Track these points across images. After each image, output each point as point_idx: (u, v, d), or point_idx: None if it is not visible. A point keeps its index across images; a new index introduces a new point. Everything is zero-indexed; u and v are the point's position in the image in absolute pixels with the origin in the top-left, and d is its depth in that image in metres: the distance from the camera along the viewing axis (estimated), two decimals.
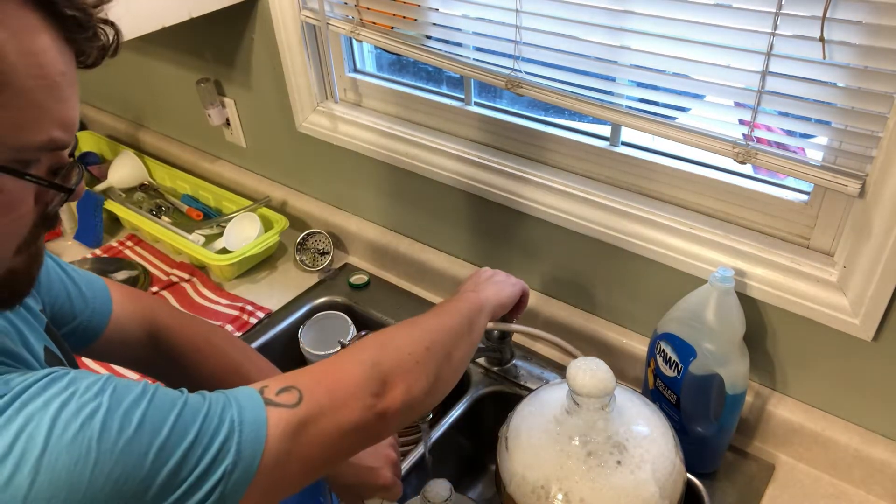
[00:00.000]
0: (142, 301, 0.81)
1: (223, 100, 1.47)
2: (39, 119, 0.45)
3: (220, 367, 0.82)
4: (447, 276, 1.25)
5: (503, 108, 1.12)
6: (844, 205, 0.84)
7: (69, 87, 0.47)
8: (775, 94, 0.79)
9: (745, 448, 0.98)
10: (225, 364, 0.82)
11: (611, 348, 1.09)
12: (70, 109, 0.47)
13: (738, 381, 0.87)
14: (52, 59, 0.45)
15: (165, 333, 0.81)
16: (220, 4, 1.19)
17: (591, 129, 1.04)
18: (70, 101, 0.47)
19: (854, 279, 0.83)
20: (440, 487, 0.82)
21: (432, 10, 1.03)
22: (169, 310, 0.84)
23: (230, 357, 0.83)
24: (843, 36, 0.72)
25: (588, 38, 0.90)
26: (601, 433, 0.75)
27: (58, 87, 0.45)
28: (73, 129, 0.48)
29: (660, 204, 0.98)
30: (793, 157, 0.82)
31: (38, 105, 0.44)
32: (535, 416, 0.80)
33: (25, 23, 0.43)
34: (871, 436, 0.91)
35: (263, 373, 0.84)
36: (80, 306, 0.72)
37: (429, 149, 1.17)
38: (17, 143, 0.44)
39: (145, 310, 0.80)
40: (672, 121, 0.89)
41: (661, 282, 1.00)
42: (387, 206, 1.32)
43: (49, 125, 0.45)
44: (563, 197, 1.04)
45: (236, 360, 0.83)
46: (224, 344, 0.84)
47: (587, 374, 0.74)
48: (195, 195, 1.60)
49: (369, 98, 1.27)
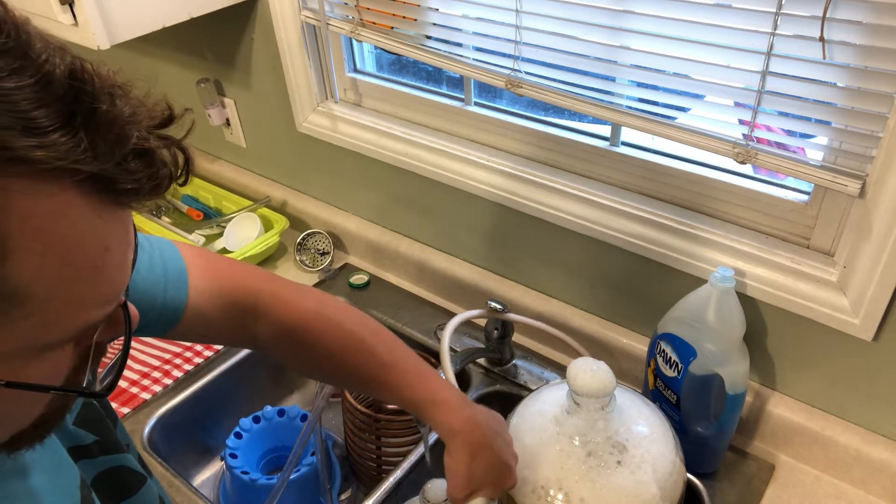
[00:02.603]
0: (230, 279, 0.70)
1: (223, 100, 1.47)
2: (71, 312, 0.36)
3: (339, 345, 0.72)
4: (447, 276, 1.25)
5: (503, 108, 1.12)
6: (844, 205, 0.84)
7: (117, 255, 0.38)
8: (775, 94, 0.79)
9: (745, 448, 0.98)
10: (343, 340, 0.72)
11: (611, 348, 1.09)
12: (117, 279, 0.38)
13: (738, 381, 0.87)
14: (94, 242, 0.36)
15: (263, 313, 0.71)
16: (220, 4, 1.19)
17: (591, 129, 1.04)
18: (118, 269, 0.38)
19: (854, 279, 0.82)
20: (440, 487, 0.82)
21: (432, 10, 1.03)
22: (262, 284, 0.72)
23: (347, 330, 0.73)
24: (843, 36, 0.72)
25: (588, 38, 0.90)
26: (601, 433, 0.75)
27: (99, 269, 0.36)
28: (118, 295, 0.40)
29: (660, 204, 0.98)
30: (793, 157, 0.82)
31: (71, 300, 0.36)
32: (535, 416, 0.80)
33: (58, 210, 0.33)
34: (871, 436, 0.91)
35: (388, 346, 0.74)
36: (146, 306, 0.62)
37: (429, 149, 1.17)
38: (42, 343, 0.36)
39: (235, 290, 0.70)
40: (672, 121, 0.89)
41: (661, 282, 1.00)
42: (387, 206, 1.32)
43: (85, 312, 0.37)
44: (563, 197, 1.04)
45: (357, 333, 0.73)
46: (339, 316, 0.73)
47: (587, 374, 0.74)
48: (195, 195, 1.60)
49: (369, 98, 1.27)
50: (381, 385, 0.73)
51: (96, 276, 0.37)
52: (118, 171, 0.34)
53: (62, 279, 0.35)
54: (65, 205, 0.33)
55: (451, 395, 0.73)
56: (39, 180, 0.32)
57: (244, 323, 0.71)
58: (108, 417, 0.60)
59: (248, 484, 1.01)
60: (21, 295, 0.33)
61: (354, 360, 0.73)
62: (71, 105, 0.33)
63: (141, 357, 1.17)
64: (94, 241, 0.36)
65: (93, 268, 0.36)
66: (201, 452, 1.18)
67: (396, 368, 0.73)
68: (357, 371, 0.73)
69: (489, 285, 1.20)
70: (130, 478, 0.59)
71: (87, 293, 0.37)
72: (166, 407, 1.08)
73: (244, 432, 1.09)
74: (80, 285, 0.36)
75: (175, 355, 1.17)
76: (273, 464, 1.14)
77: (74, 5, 0.97)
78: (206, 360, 1.16)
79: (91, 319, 0.38)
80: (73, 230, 0.34)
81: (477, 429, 0.72)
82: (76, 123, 0.33)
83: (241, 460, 1.05)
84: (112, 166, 0.34)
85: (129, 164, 0.35)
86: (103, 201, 0.35)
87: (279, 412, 1.12)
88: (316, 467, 1.02)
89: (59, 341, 0.37)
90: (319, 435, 0.98)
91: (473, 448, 0.72)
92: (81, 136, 0.33)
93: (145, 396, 1.09)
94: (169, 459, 1.03)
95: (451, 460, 0.72)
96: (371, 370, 0.73)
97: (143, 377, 1.13)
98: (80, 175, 0.33)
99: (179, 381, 1.12)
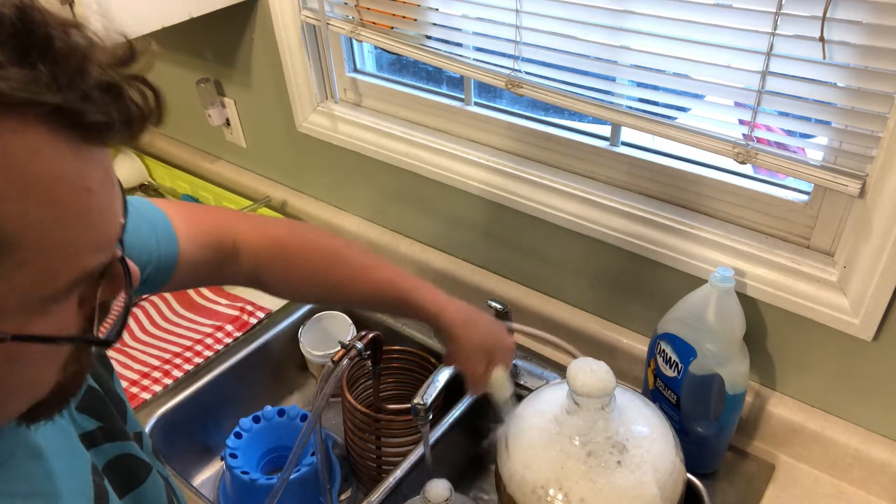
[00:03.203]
0: (209, 222, 0.74)
1: (223, 100, 1.47)
2: (65, 258, 0.36)
3: (318, 257, 0.78)
4: (447, 275, 1.25)
5: (503, 108, 1.12)
6: (844, 205, 0.84)
7: (100, 197, 0.37)
8: (775, 94, 0.79)
9: (745, 448, 0.98)
10: (321, 252, 0.79)
11: (611, 348, 1.09)
12: (105, 223, 0.38)
13: (738, 381, 0.87)
14: (72, 182, 0.35)
15: (242, 248, 0.75)
16: (220, 4, 1.19)
17: (591, 129, 1.04)
18: (104, 212, 0.38)
19: (854, 279, 0.82)
20: (440, 487, 0.82)
21: (432, 10, 1.03)
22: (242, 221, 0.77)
23: (322, 244, 0.80)
24: (843, 36, 0.72)
25: (588, 38, 0.90)
26: (601, 433, 0.75)
27: (85, 211, 0.36)
28: (111, 241, 0.40)
29: (660, 204, 0.98)
30: (793, 157, 0.82)
31: (63, 244, 0.36)
32: (535, 416, 0.80)
33: (29, 149, 0.33)
34: (871, 436, 0.91)
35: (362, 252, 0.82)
36: (145, 262, 0.65)
37: (429, 149, 1.17)
38: (42, 295, 0.36)
39: (216, 231, 0.74)
40: (672, 121, 0.89)
41: (660, 282, 1.00)
42: (387, 206, 1.32)
43: (79, 258, 0.37)
44: (563, 197, 1.04)
45: (332, 245, 0.80)
46: (311, 234, 0.81)
47: (587, 374, 0.74)
48: (195, 195, 1.59)
49: (369, 98, 1.27)
50: (364, 286, 0.80)
51: (81, 219, 0.36)
52: (84, 103, 0.34)
53: (46, 221, 0.34)
54: (35, 142, 0.33)
55: (428, 284, 0.82)
56: (4, 117, 0.32)
57: (228, 262, 0.75)
58: (114, 405, 0.60)
59: (248, 484, 1.01)
60: (8, 242, 0.33)
61: (335, 269, 0.79)
62: (25, 41, 0.32)
63: (141, 357, 1.17)
64: (72, 181, 0.35)
65: (76, 210, 0.36)
66: (201, 452, 1.18)
67: (375, 268, 0.81)
68: (340, 279, 0.79)
69: (489, 285, 1.20)
70: (136, 465, 0.60)
71: (75, 237, 0.36)
72: (166, 407, 1.08)
73: (244, 432, 1.09)
74: (67, 228, 0.36)
75: (175, 355, 1.17)
76: (273, 464, 1.14)
77: (74, 5, 0.97)
78: (206, 360, 1.16)
79: (86, 267, 0.38)
80: (49, 169, 0.34)
81: (459, 302, 0.82)
82: (33, 57, 0.33)
83: (241, 460, 1.05)
84: (76, 98, 0.34)
85: (94, 97, 0.34)
86: (74, 137, 0.35)
87: (279, 412, 1.12)
88: (316, 467, 1.02)
89: (57, 292, 0.37)
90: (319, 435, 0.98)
91: (465, 316, 0.81)
92: (40, 68, 0.33)
93: (145, 396, 1.09)
94: (169, 459, 1.03)
95: (453, 341, 0.81)
96: (353, 274, 0.79)
97: (143, 377, 1.13)
98: (44, 107, 0.33)
99: (179, 381, 1.12)
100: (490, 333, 0.83)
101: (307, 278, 0.79)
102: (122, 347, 1.20)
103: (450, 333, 0.81)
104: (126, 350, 1.19)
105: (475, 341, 0.81)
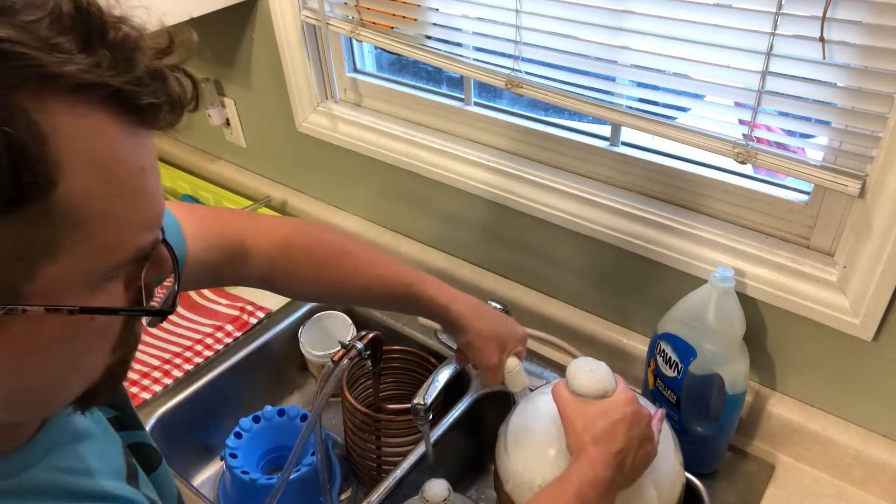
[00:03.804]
0: (216, 223, 0.75)
1: (223, 100, 1.47)
2: (124, 234, 0.39)
3: (325, 254, 0.79)
4: (447, 276, 1.25)
5: (503, 108, 1.12)
6: (844, 205, 0.84)
7: (152, 177, 0.40)
8: (775, 94, 0.79)
9: (745, 448, 0.98)
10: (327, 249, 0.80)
11: (611, 348, 1.09)
12: (156, 203, 0.41)
13: (738, 381, 0.87)
14: (130, 161, 0.38)
15: (251, 247, 0.76)
16: (220, 4, 1.19)
17: (591, 129, 1.04)
18: (154, 192, 0.41)
19: (854, 279, 0.82)
20: (438, 487, 0.82)
21: (432, 10, 1.03)
22: (248, 221, 0.79)
23: (328, 240, 0.80)
24: (843, 36, 0.72)
25: (588, 38, 0.90)
26: None
27: (140, 189, 0.39)
28: (159, 223, 0.42)
29: (660, 204, 0.98)
30: (793, 157, 0.82)
31: (122, 220, 0.38)
32: (535, 416, 0.80)
33: (94, 130, 0.36)
34: (871, 436, 0.91)
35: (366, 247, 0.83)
36: None
37: (429, 149, 1.17)
38: (103, 271, 0.38)
39: (222, 232, 0.75)
40: (672, 121, 0.89)
41: (661, 282, 1.00)
42: (387, 206, 1.32)
43: (135, 235, 0.40)
44: (563, 197, 1.04)
45: (337, 240, 0.81)
46: (317, 230, 0.81)
47: (586, 373, 0.74)
48: (195, 195, 1.59)
49: (369, 98, 1.27)
50: (372, 281, 0.80)
51: (137, 196, 0.39)
52: (138, 87, 0.37)
53: (109, 198, 0.37)
54: (100, 124, 0.36)
55: (435, 278, 0.82)
56: (73, 100, 0.35)
57: (237, 261, 0.76)
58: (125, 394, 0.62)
59: (248, 484, 1.01)
60: (78, 216, 0.35)
61: (342, 263, 0.79)
62: (84, 30, 0.35)
63: (141, 357, 1.17)
64: (130, 161, 0.38)
65: (133, 187, 0.38)
66: (201, 452, 1.18)
67: (381, 262, 0.81)
68: (346, 274, 0.80)
69: (489, 285, 1.20)
70: (150, 453, 0.62)
71: (132, 214, 0.39)
72: (166, 407, 1.08)
73: (244, 432, 1.09)
74: (126, 204, 0.38)
75: (175, 355, 1.17)
76: (273, 464, 1.14)
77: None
78: (206, 360, 1.16)
79: (139, 244, 0.40)
80: (111, 149, 0.37)
81: (467, 294, 0.82)
82: (94, 44, 0.35)
83: (241, 460, 1.05)
84: (132, 82, 0.36)
85: (146, 82, 0.37)
86: (131, 121, 0.38)
87: (279, 412, 1.12)
88: (316, 467, 1.02)
89: (115, 268, 0.39)
90: (319, 435, 0.98)
91: (474, 307, 0.82)
92: (101, 54, 0.35)
93: (145, 396, 1.09)
94: (169, 459, 1.02)
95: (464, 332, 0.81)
96: (360, 269, 0.80)
97: (144, 377, 1.13)
98: (106, 90, 0.35)
99: (179, 381, 1.12)
100: (501, 323, 0.83)
101: (314, 275, 0.80)
102: None
103: (460, 325, 0.81)
104: None
105: (486, 331, 0.81)
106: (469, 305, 0.82)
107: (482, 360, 0.82)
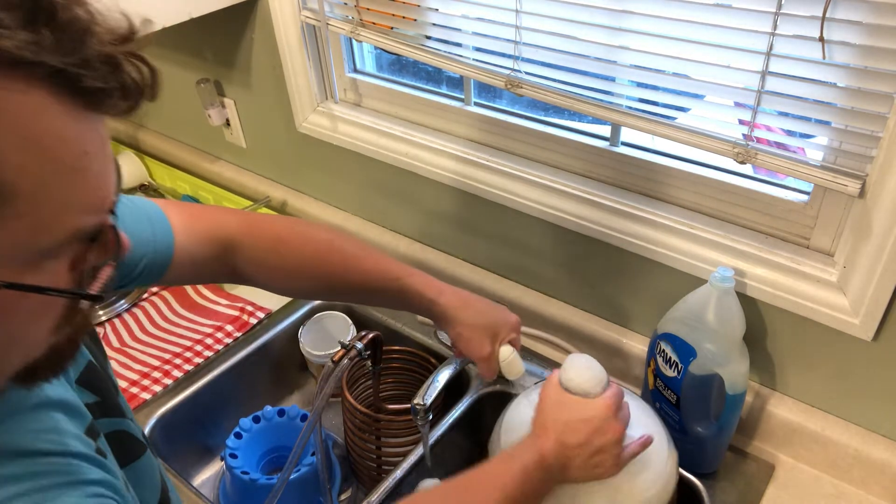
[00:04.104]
0: (206, 219, 0.76)
1: (223, 100, 1.47)
2: (60, 214, 0.38)
3: (313, 249, 0.80)
4: (447, 276, 1.25)
5: (503, 108, 1.12)
6: (844, 205, 0.84)
7: (97, 161, 0.40)
8: (775, 94, 0.79)
9: (745, 448, 0.98)
10: (316, 245, 0.80)
11: (611, 348, 1.09)
12: (100, 187, 0.40)
13: (738, 381, 0.87)
14: (71, 143, 0.38)
15: (240, 242, 0.77)
16: (220, 4, 1.19)
17: (591, 129, 1.04)
18: (100, 176, 0.40)
19: (854, 279, 0.82)
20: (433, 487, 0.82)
21: (432, 10, 1.03)
22: (239, 217, 0.80)
23: (317, 236, 0.81)
24: (843, 36, 0.72)
25: (588, 38, 0.90)
26: None
27: (81, 171, 0.38)
28: (105, 206, 0.42)
29: (660, 204, 0.98)
30: (793, 157, 0.82)
31: (59, 200, 0.38)
32: (529, 409, 0.80)
33: (32, 108, 0.35)
34: (871, 436, 0.91)
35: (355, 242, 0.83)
36: (141, 251, 0.68)
37: (429, 149, 1.17)
38: (36, 248, 0.38)
39: (212, 227, 0.76)
40: (672, 121, 0.89)
41: (661, 282, 1.00)
42: (387, 206, 1.32)
43: (73, 216, 0.39)
44: (563, 197, 1.04)
45: (326, 237, 0.81)
46: (306, 228, 0.82)
47: (578, 370, 0.74)
48: (195, 195, 1.60)
49: (369, 98, 1.27)
50: (360, 276, 0.81)
51: (78, 178, 0.38)
52: (83, 69, 0.36)
53: (45, 176, 0.36)
54: (39, 103, 0.36)
55: (423, 272, 0.83)
56: (10, 77, 0.34)
57: (225, 256, 0.77)
58: (111, 383, 0.62)
59: (248, 484, 1.01)
60: (7, 192, 0.35)
61: (331, 259, 0.80)
62: (32, 8, 0.35)
63: (141, 357, 1.17)
64: (72, 142, 0.38)
65: (73, 169, 0.38)
66: (201, 452, 1.18)
67: (370, 257, 0.82)
68: (336, 270, 0.81)
69: (489, 285, 1.20)
70: (132, 442, 0.61)
71: (70, 195, 0.38)
72: (166, 407, 1.08)
73: (244, 432, 1.09)
74: (63, 185, 0.38)
75: (175, 355, 1.17)
76: (273, 464, 1.14)
77: None
78: (206, 360, 1.16)
79: (79, 226, 0.40)
80: (50, 128, 0.36)
81: (456, 287, 0.83)
82: (38, 23, 0.35)
83: (241, 460, 1.05)
84: (76, 63, 0.36)
85: (94, 65, 0.37)
86: (75, 104, 0.37)
87: (279, 412, 1.12)
88: (316, 467, 1.02)
89: (51, 246, 0.39)
90: (319, 435, 0.98)
91: (462, 299, 0.82)
92: (44, 32, 0.35)
93: (145, 396, 1.09)
94: (169, 459, 1.03)
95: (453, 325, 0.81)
96: (348, 264, 0.81)
97: (143, 377, 1.13)
98: (46, 69, 0.35)
99: (179, 381, 1.12)
100: (490, 312, 0.84)
101: (303, 271, 0.80)
102: (122, 347, 1.21)
103: (448, 317, 0.81)
104: (126, 350, 1.19)
105: (475, 321, 0.82)
106: (457, 297, 0.83)
107: (473, 351, 0.83)
